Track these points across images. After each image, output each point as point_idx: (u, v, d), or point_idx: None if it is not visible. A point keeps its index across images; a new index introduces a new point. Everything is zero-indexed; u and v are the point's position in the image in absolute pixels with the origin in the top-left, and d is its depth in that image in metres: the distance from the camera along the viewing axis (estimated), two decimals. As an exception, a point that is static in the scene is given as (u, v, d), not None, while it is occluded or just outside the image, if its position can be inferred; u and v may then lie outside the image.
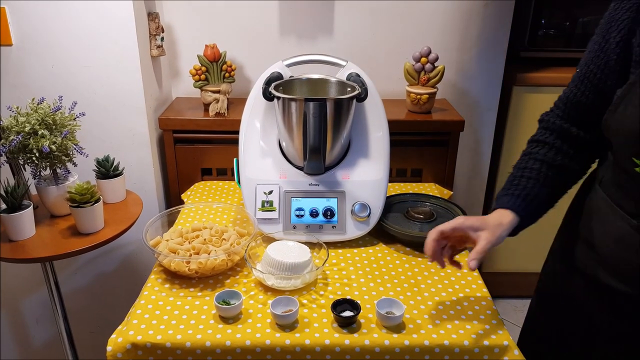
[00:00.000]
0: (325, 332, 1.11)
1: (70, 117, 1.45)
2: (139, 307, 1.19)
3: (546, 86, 2.11)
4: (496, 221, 1.07)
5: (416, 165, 1.92)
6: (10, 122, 1.38)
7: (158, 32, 1.79)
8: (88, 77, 1.70)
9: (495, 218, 1.08)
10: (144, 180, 1.85)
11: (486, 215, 1.10)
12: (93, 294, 2.02)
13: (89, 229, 1.42)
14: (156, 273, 1.32)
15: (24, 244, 1.37)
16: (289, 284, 1.23)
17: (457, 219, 1.09)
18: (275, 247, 1.30)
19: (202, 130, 1.84)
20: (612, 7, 1.00)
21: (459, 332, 1.12)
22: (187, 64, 1.99)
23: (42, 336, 2.10)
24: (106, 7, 1.61)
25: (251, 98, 1.52)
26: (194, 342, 1.09)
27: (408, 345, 1.09)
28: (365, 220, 1.43)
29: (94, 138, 1.74)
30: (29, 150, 1.37)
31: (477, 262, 1.03)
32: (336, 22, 1.97)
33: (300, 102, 1.35)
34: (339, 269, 1.34)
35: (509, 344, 1.09)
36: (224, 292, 1.19)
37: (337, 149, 1.45)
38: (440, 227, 1.09)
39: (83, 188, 1.39)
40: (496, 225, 1.07)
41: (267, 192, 1.44)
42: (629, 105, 0.93)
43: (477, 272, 1.34)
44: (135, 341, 1.09)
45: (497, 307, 1.21)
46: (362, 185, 1.45)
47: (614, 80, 0.99)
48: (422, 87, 1.89)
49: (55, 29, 1.63)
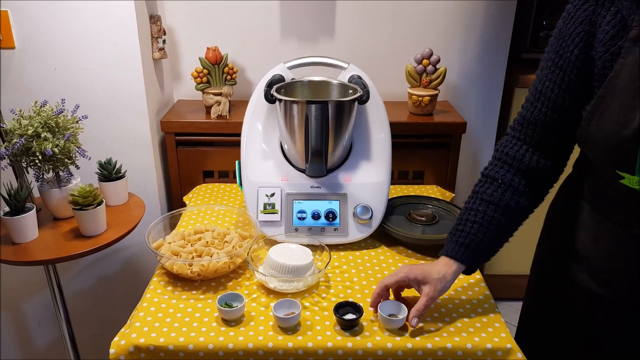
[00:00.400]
0: (327, 334, 1.11)
1: (73, 120, 1.46)
2: (142, 310, 1.19)
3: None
4: (439, 274, 1.10)
5: (418, 167, 1.92)
6: (13, 125, 1.38)
7: (160, 35, 1.80)
8: (90, 79, 1.70)
9: (439, 270, 1.11)
10: (146, 183, 1.85)
11: (431, 265, 1.13)
12: (95, 296, 2.02)
13: (91, 231, 1.42)
14: (158, 275, 1.32)
15: (26, 247, 1.38)
16: (291, 286, 1.23)
17: (401, 271, 1.13)
18: (278, 249, 1.30)
19: (203, 132, 1.84)
20: (560, 23, 1.01)
21: (461, 334, 1.12)
22: (189, 67, 1.99)
23: (45, 339, 2.10)
24: (108, 10, 1.61)
25: (253, 100, 1.52)
26: (196, 345, 1.09)
27: (411, 348, 1.08)
28: (367, 222, 1.43)
29: (96, 141, 1.74)
30: (31, 153, 1.38)
31: (417, 320, 1.10)
32: (337, 24, 1.97)
33: (302, 104, 1.35)
34: (341, 272, 1.34)
35: (512, 347, 1.09)
36: (226, 295, 1.19)
37: (339, 152, 1.46)
38: (385, 282, 1.14)
39: (86, 191, 1.39)
40: (438, 280, 1.10)
41: (269, 195, 1.44)
42: (602, 118, 0.92)
43: (480, 274, 1.34)
44: (138, 344, 1.09)
45: (499, 310, 1.21)
46: (364, 188, 1.45)
47: (574, 94, 1.00)
48: (424, 89, 1.89)
49: (58, 32, 1.63)
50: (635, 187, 0.92)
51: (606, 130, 0.91)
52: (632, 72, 0.87)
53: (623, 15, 0.90)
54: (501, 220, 1.09)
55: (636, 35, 0.87)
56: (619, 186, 0.94)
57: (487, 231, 1.09)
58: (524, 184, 1.09)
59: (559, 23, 1.01)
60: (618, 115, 0.89)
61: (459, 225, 1.12)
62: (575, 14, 0.97)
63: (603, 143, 0.93)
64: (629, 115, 0.87)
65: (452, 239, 1.13)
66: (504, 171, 1.10)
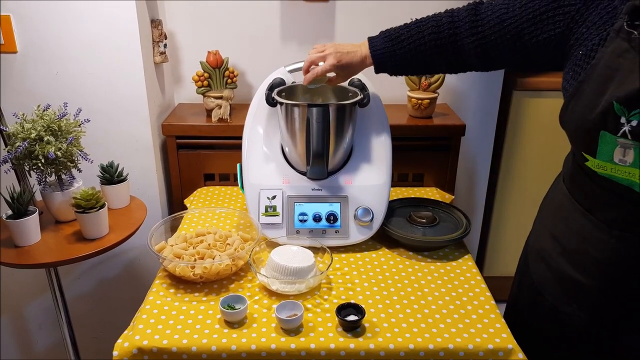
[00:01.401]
0: (330, 336, 1.12)
1: (76, 124, 1.46)
2: (145, 312, 1.20)
3: (546, 90, 2.12)
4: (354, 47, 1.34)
5: (418, 169, 1.92)
6: (16, 128, 1.39)
7: (161, 39, 1.81)
8: (92, 83, 1.71)
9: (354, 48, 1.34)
10: (147, 186, 1.86)
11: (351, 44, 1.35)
12: (97, 299, 2.03)
13: (94, 234, 1.43)
14: (161, 278, 1.32)
15: (29, 250, 1.38)
16: (293, 288, 1.24)
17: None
18: (279, 251, 1.30)
19: (204, 136, 1.85)
20: None
21: (463, 335, 1.13)
22: (190, 71, 2.00)
23: (46, 341, 2.11)
24: (110, 14, 1.62)
25: (254, 104, 1.53)
26: (199, 347, 1.09)
27: (413, 349, 1.09)
28: (368, 224, 1.43)
29: (98, 144, 1.75)
30: (34, 156, 1.39)
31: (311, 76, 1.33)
32: (337, 27, 1.98)
33: (303, 107, 1.36)
34: (342, 274, 1.34)
35: (513, 347, 1.10)
36: (229, 297, 1.20)
37: (340, 154, 1.46)
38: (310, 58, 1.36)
39: (88, 194, 1.40)
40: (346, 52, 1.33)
41: (271, 197, 1.45)
42: (578, 102, 0.97)
43: (480, 275, 1.35)
44: (142, 346, 1.10)
45: (500, 311, 1.22)
46: (365, 190, 1.46)
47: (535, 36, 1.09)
48: (423, 92, 1.90)
49: (60, 36, 1.64)
50: (596, 169, 0.97)
51: (577, 113, 0.97)
52: (608, 60, 0.91)
53: (615, 4, 0.95)
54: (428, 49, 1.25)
55: (619, 26, 0.90)
56: (586, 169, 1.00)
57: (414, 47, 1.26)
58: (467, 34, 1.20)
59: None
60: (588, 100, 0.94)
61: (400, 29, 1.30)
62: None
63: (574, 124, 0.99)
64: (596, 100, 0.92)
65: (387, 35, 1.32)
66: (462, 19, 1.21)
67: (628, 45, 0.88)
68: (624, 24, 0.89)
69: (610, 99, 0.89)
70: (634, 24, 0.88)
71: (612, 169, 0.94)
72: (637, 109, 0.87)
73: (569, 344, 1.14)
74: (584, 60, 0.98)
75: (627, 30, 0.89)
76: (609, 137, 0.92)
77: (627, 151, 0.90)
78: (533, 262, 1.23)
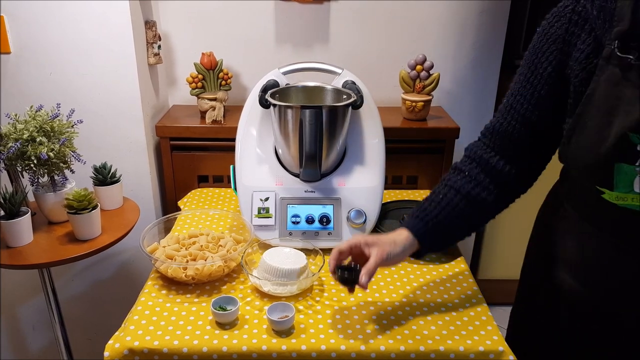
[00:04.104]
0: (321, 337, 1.12)
1: (68, 125, 1.46)
2: (136, 313, 1.19)
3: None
4: (390, 239, 1.10)
5: (412, 172, 1.93)
6: (8, 129, 1.39)
7: (155, 40, 1.81)
8: (85, 85, 1.71)
9: (391, 237, 1.11)
10: (141, 187, 1.86)
11: (385, 234, 1.12)
12: (90, 300, 2.02)
13: (86, 235, 1.43)
14: (153, 279, 1.32)
15: (21, 250, 1.38)
16: (285, 290, 1.24)
17: (354, 237, 1.12)
18: (272, 253, 1.30)
19: (198, 137, 1.85)
20: (535, 39, 1.02)
21: (454, 338, 1.13)
22: (184, 72, 2.00)
23: (39, 343, 2.10)
24: (104, 16, 1.62)
25: (247, 105, 1.53)
26: (190, 348, 1.09)
27: (404, 351, 1.09)
28: (361, 226, 1.44)
29: (91, 145, 1.75)
30: (27, 157, 1.38)
31: (367, 278, 1.05)
32: (332, 30, 1.99)
33: (297, 109, 1.36)
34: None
35: (504, 350, 1.10)
36: (220, 298, 1.20)
37: (333, 156, 1.47)
38: (339, 247, 1.11)
39: (80, 195, 1.40)
40: (388, 243, 1.09)
41: (264, 199, 1.45)
42: (581, 135, 0.94)
43: (473, 278, 1.35)
44: (133, 347, 1.09)
45: (492, 314, 1.22)
46: (358, 192, 1.46)
47: (543, 110, 1.02)
48: (418, 94, 1.91)
49: (53, 37, 1.64)
50: (615, 201, 0.93)
51: (584, 148, 0.93)
52: (605, 89, 0.88)
53: (597, 34, 0.91)
54: (461, 207, 1.11)
55: (609, 53, 0.88)
56: (602, 201, 0.96)
57: (446, 213, 1.11)
58: (489, 182, 1.11)
59: (534, 39, 1.03)
60: (594, 133, 0.91)
61: (421, 205, 1.14)
62: (549, 32, 0.99)
63: (581, 160, 0.95)
64: (604, 132, 0.89)
65: (412, 214, 1.14)
66: (472, 167, 1.13)
67: (620, 72, 0.86)
68: (615, 50, 0.87)
69: (622, 130, 0.86)
70: (626, 49, 0.86)
71: (633, 198, 0.91)
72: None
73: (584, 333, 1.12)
74: (573, 97, 0.96)
75: (620, 56, 0.86)
76: (626, 168, 0.88)
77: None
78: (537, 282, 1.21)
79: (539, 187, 1.20)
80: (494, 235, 2.42)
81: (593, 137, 0.91)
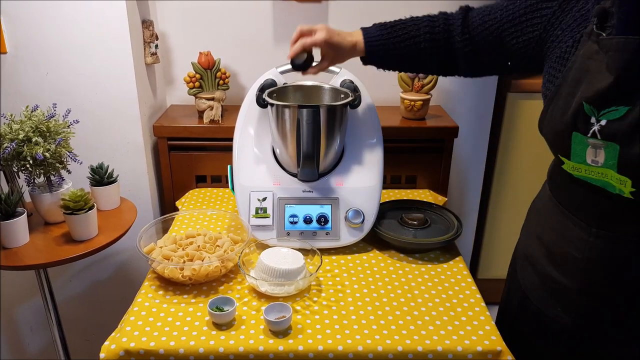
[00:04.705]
0: (318, 338, 1.11)
1: (64, 125, 1.46)
2: (133, 314, 1.19)
3: (540, 92, 2.12)
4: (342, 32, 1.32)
5: (410, 171, 1.92)
6: (4, 129, 1.38)
7: (152, 40, 1.80)
8: (82, 84, 1.70)
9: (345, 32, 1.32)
10: (138, 188, 1.85)
11: None
12: (87, 301, 2.01)
13: (82, 236, 1.42)
14: (150, 280, 1.31)
15: (17, 251, 1.37)
16: (282, 290, 1.23)
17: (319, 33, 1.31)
18: (269, 253, 1.30)
19: (196, 137, 1.84)
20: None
21: (452, 337, 1.12)
22: (182, 72, 1.99)
23: (36, 344, 2.09)
24: (100, 15, 1.61)
25: (245, 105, 1.52)
26: (187, 349, 1.09)
27: (401, 351, 1.09)
28: (359, 226, 1.43)
29: (88, 145, 1.74)
30: (22, 157, 1.38)
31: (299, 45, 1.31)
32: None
33: (294, 108, 1.36)
34: (332, 275, 1.34)
35: (502, 350, 1.10)
36: (217, 299, 1.19)
37: (331, 156, 1.46)
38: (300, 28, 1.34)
39: (77, 195, 1.39)
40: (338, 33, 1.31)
41: (261, 199, 1.44)
42: (556, 106, 0.97)
43: (471, 278, 1.34)
44: (129, 348, 1.09)
45: (490, 313, 1.21)
46: (356, 192, 1.45)
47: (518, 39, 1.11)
48: (416, 93, 1.90)
49: (50, 37, 1.63)
50: (571, 171, 0.98)
51: (553, 118, 0.98)
52: (580, 62, 0.92)
53: (589, 8, 0.96)
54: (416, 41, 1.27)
55: (590, 30, 0.91)
56: (563, 171, 1.00)
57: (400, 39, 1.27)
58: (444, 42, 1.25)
59: None
60: (562, 103, 0.95)
61: (386, 22, 1.31)
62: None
63: (549, 129, 1.00)
64: (569, 102, 0.93)
65: (375, 24, 1.32)
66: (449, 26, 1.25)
67: (597, 47, 0.89)
68: (594, 26, 0.90)
69: (580, 100, 0.90)
70: (602, 26, 0.89)
71: (586, 170, 0.94)
72: (605, 108, 0.88)
73: (555, 348, 1.14)
74: (559, 63, 0.99)
75: (597, 32, 0.89)
76: (580, 138, 0.92)
77: (598, 151, 0.91)
78: (520, 266, 1.23)
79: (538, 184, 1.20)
80: (494, 235, 2.41)
81: (561, 106, 0.95)
